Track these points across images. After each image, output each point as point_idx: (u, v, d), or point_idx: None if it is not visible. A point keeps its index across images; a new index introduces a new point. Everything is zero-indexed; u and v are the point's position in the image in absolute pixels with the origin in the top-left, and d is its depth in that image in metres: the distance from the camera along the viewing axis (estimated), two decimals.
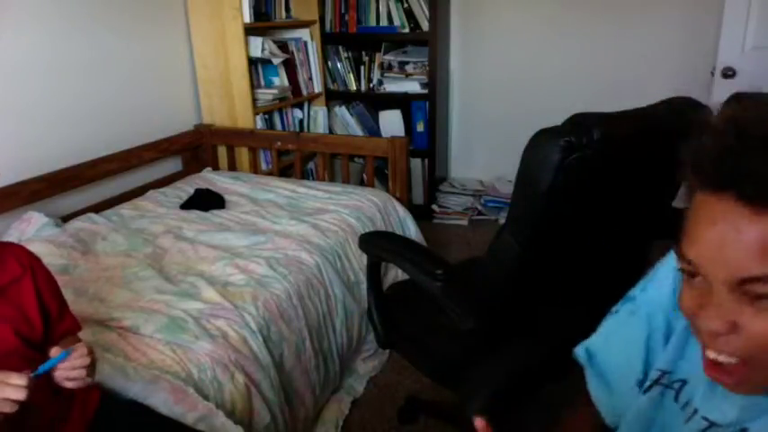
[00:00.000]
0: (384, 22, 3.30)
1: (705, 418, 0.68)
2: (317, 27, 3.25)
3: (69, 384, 1.01)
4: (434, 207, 3.46)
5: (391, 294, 1.73)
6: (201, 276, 1.80)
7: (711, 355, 0.59)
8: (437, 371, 1.54)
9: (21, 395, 0.89)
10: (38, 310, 1.11)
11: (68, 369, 0.99)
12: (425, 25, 3.20)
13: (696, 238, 0.57)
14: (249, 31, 2.75)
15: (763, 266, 0.52)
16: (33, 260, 1.17)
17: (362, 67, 3.43)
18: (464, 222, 3.39)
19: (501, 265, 1.37)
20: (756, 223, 0.52)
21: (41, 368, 0.97)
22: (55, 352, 0.98)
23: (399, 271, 2.22)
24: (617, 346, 0.84)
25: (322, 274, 1.96)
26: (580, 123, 1.18)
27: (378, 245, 1.61)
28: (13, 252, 1.14)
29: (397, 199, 2.57)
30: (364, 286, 2.10)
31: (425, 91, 3.30)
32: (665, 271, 0.80)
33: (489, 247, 1.44)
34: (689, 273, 0.59)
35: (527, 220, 1.28)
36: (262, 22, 2.89)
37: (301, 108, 3.25)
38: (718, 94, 2.73)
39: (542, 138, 1.20)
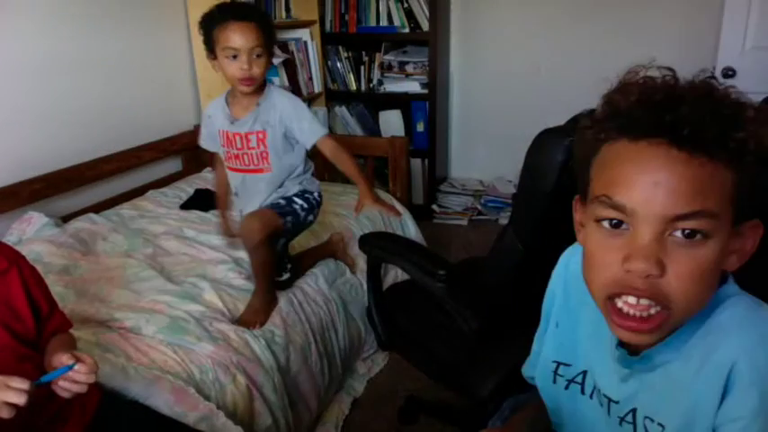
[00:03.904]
0: (384, 22, 3.29)
1: (605, 396, 0.75)
2: (317, 27, 3.24)
3: (64, 393, 0.99)
4: (434, 207, 3.46)
5: (391, 295, 1.73)
6: (203, 278, 1.79)
7: (630, 302, 0.61)
8: (438, 371, 1.54)
9: (21, 400, 0.88)
10: (27, 305, 1.10)
11: (70, 382, 0.97)
12: (425, 25, 3.19)
13: (629, 183, 0.60)
14: None
15: (693, 204, 0.58)
16: (18, 256, 1.15)
17: (362, 67, 3.43)
18: (464, 222, 3.39)
19: (504, 266, 1.37)
20: (688, 166, 0.57)
21: (46, 377, 0.96)
22: (66, 359, 0.97)
23: (398, 272, 2.22)
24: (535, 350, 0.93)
25: (321, 275, 1.96)
26: None
27: (378, 246, 1.60)
28: None
29: (397, 199, 2.56)
30: (364, 287, 2.10)
31: (425, 91, 3.30)
32: (557, 270, 0.87)
33: (492, 248, 1.43)
34: (614, 223, 0.62)
35: (531, 221, 1.28)
36: None
37: None
38: None
39: (546, 138, 1.19)
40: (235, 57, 1.52)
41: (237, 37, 1.50)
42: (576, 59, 3.20)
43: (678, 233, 0.59)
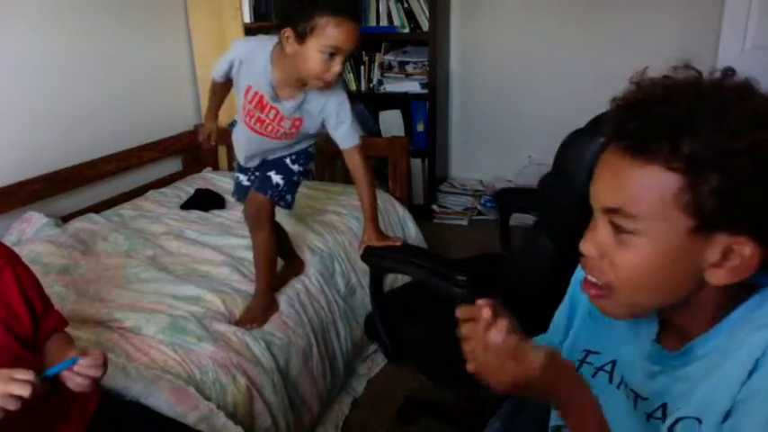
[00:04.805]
0: (384, 22, 3.29)
1: (631, 390, 0.76)
2: None
3: (71, 386, 1.00)
4: (434, 207, 3.45)
5: (393, 303, 1.69)
6: (204, 279, 1.80)
7: (588, 276, 0.70)
8: (451, 376, 1.52)
9: (26, 391, 0.87)
10: (23, 304, 1.10)
11: (76, 375, 0.98)
12: (425, 25, 3.19)
13: (594, 177, 0.69)
14: (249, 31, 2.75)
15: (612, 200, 0.64)
16: (12, 254, 1.15)
17: (362, 67, 3.43)
18: (464, 222, 3.39)
19: (536, 265, 1.37)
20: (626, 166, 0.63)
21: (51, 370, 0.96)
22: (73, 354, 0.98)
23: (394, 276, 2.20)
24: (552, 332, 0.95)
25: (323, 276, 1.96)
26: None
27: (382, 256, 1.56)
28: None
29: (397, 199, 2.56)
30: (365, 288, 2.10)
31: (425, 91, 3.30)
32: None
33: (522, 250, 1.43)
34: (591, 212, 0.70)
35: (563, 220, 1.28)
36: (262, 21, 2.88)
37: None
38: None
39: (578, 138, 1.20)
40: (332, 55, 1.38)
41: (347, 39, 1.37)
42: (575, 60, 3.20)
43: (614, 226, 0.66)
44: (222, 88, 1.71)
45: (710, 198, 0.58)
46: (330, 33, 1.35)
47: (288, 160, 1.70)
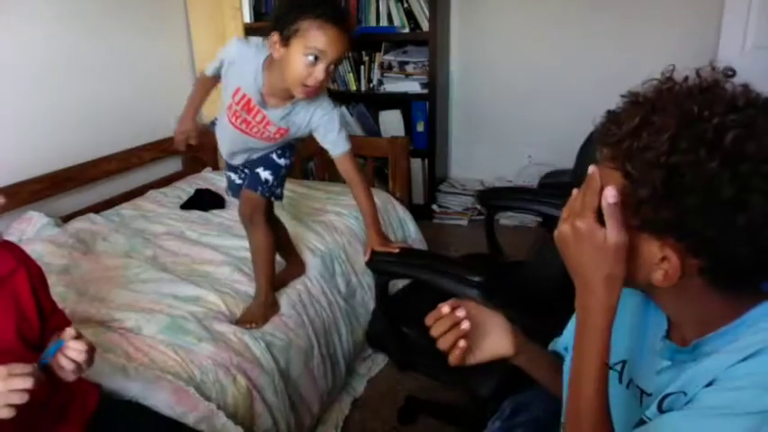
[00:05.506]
0: (384, 22, 3.29)
1: (638, 387, 0.80)
2: None
3: (56, 369, 1.00)
4: (434, 207, 3.46)
5: (395, 309, 1.66)
6: (204, 279, 1.80)
7: None
8: (449, 374, 1.51)
9: (27, 383, 0.88)
10: (34, 305, 1.10)
11: (61, 356, 0.98)
12: (425, 25, 3.19)
13: None
14: (249, 30, 2.74)
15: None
16: (26, 255, 1.16)
17: (362, 67, 3.43)
18: (464, 222, 3.39)
19: (553, 265, 1.38)
20: (601, 166, 0.71)
21: (45, 357, 0.97)
22: (68, 333, 0.98)
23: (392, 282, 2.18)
24: (567, 333, 0.97)
25: (323, 276, 1.96)
26: None
27: (387, 261, 1.53)
28: (5, 246, 1.14)
29: (397, 199, 2.56)
30: (365, 288, 2.10)
31: (425, 91, 3.30)
32: None
33: (537, 250, 1.42)
34: None
35: None
36: (262, 21, 2.88)
37: None
38: None
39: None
40: (315, 59, 1.36)
41: (330, 43, 1.35)
42: (575, 59, 3.20)
43: None
44: (209, 84, 1.71)
45: (642, 204, 0.65)
46: (313, 35, 1.35)
47: (274, 155, 1.71)
